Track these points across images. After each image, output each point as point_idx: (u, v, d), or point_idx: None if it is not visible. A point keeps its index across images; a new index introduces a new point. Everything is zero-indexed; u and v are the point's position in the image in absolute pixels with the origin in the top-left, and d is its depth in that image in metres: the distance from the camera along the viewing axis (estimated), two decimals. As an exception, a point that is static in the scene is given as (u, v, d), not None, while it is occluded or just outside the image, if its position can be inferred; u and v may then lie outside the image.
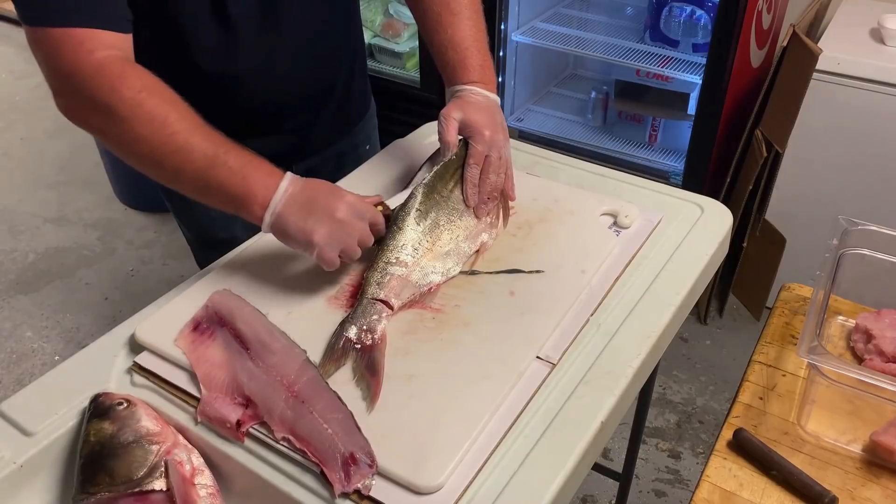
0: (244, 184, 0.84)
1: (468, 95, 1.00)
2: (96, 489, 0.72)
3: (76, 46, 0.82)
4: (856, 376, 0.86)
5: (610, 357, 0.84)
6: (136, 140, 0.83)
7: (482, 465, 0.72)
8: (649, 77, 2.23)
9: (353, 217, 0.86)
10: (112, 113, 0.82)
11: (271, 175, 0.86)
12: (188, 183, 0.86)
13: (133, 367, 0.85)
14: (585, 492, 1.83)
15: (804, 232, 2.04)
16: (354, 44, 1.24)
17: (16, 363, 2.23)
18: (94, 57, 0.83)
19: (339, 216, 0.85)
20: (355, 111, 1.31)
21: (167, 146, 0.83)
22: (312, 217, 0.84)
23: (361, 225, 0.87)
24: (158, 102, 0.83)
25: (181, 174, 0.85)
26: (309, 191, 0.86)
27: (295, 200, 0.85)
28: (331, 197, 0.86)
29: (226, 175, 0.84)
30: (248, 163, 0.85)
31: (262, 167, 0.86)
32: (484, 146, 0.98)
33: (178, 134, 0.83)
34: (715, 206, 1.07)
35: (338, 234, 0.85)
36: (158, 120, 0.83)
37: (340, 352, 0.83)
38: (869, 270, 1.03)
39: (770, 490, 0.86)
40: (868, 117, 1.85)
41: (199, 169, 0.83)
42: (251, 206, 0.84)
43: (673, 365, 2.15)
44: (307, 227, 0.84)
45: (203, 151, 0.83)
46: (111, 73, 0.83)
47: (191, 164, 0.83)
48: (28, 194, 2.96)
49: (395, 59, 2.41)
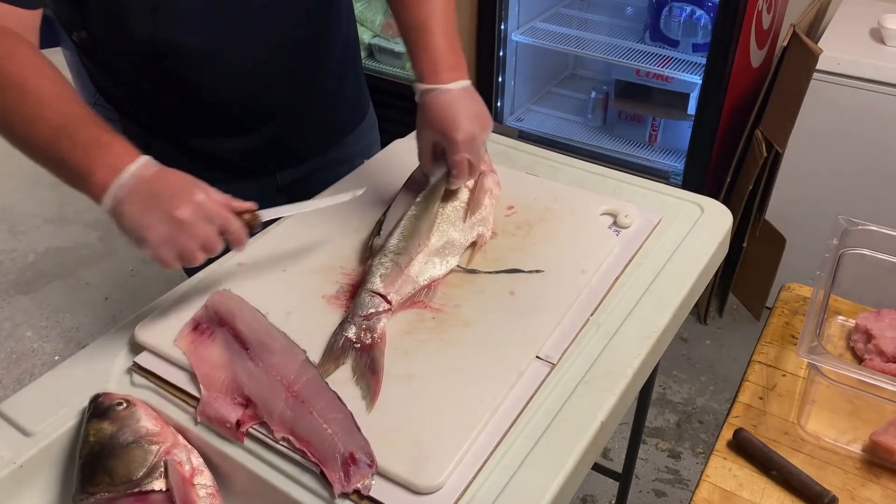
0: (86, 160, 0.77)
1: (432, 98, 0.94)
2: (96, 489, 0.72)
3: None
4: (856, 376, 0.86)
5: (610, 357, 0.84)
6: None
7: (482, 465, 0.72)
8: (649, 77, 2.23)
9: (199, 219, 0.78)
10: None
11: (121, 156, 0.78)
12: (37, 155, 0.80)
13: (133, 367, 0.85)
14: (585, 492, 1.83)
15: (804, 232, 2.04)
16: (343, 44, 1.19)
17: (16, 363, 2.23)
18: None
19: (180, 215, 0.77)
20: (347, 119, 1.26)
21: (17, 115, 0.78)
22: (152, 212, 0.76)
23: (207, 229, 0.79)
24: (17, 70, 0.79)
25: (30, 145, 0.79)
26: (159, 182, 0.78)
27: (139, 190, 0.77)
28: (179, 193, 0.78)
29: (69, 149, 0.77)
30: (97, 139, 0.78)
31: (114, 146, 0.78)
32: (461, 154, 0.93)
33: (29, 103, 0.78)
34: (715, 206, 1.07)
35: (175, 235, 0.77)
36: (13, 87, 0.78)
37: (340, 351, 0.83)
38: (869, 270, 1.03)
39: (770, 490, 0.86)
40: (868, 117, 1.85)
41: (46, 141, 0.78)
42: (91, 186, 0.77)
43: (673, 365, 2.15)
44: (142, 223, 0.76)
45: (51, 122, 0.78)
46: None
47: (38, 135, 0.78)
48: (28, 194, 2.96)
49: (395, 59, 2.41)
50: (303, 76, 1.14)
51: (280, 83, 1.11)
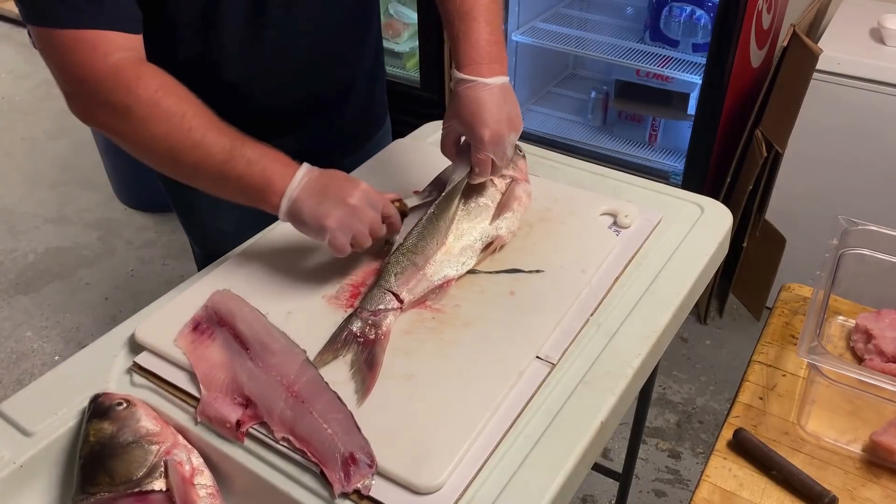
0: (262, 174, 0.86)
1: (467, 90, 0.92)
2: (96, 489, 0.72)
3: (90, 50, 0.82)
4: (856, 376, 0.86)
5: (610, 357, 0.84)
6: (154, 138, 0.84)
7: (482, 465, 0.72)
8: (649, 77, 2.23)
9: (366, 204, 0.87)
10: (129, 114, 0.83)
11: (288, 165, 0.87)
12: (207, 178, 0.87)
13: (133, 368, 0.85)
14: (585, 492, 1.83)
15: (804, 232, 2.04)
16: (375, 47, 1.21)
17: (16, 363, 2.23)
18: (109, 60, 0.83)
19: (351, 202, 0.86)
20: (375, 120, 1.28)
21: (185, 143, 0.84)
22: (326, 202, 0.86)
23: (373, 213, 0.87)
24: (175, 101, 0.84)
25: (200, 169, 0.86)
26: (325, 178, 0.88)
27: (310, 187, 0.86)
28: (345, 184, 0.88)
29: (244, 167, 0.85)
30: (265, 154, 0.87)
31: (279, 158, 0.87)
32: (485, 153, 0.93)
33: (195, 130, 0.84)
34: (715, 206, 1.07)
35: (349, 219, 0.86)
36: (176, 118, 0.84)
37: (342, 342, 0.84)
38: (869, 270, 1.03)
39: (770, 490, 0.86)
40: (868, 117, 1.85)
41: (218, 163, 0.85)
42: (270, 195, 0.86)
43: (673, 365, 2.15)
44: (320, 212, 0.85)
45: (221, 146, 0.85)
46: (127, 76, 0.83)
47: (209, 159, 0.85)
48: (28, 194, 2.96)
49: (395, 59, 2.41)
50: (341, 78, 1.16)
51: (320, 86, 1.13)
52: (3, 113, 3.51)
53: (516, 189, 1.01)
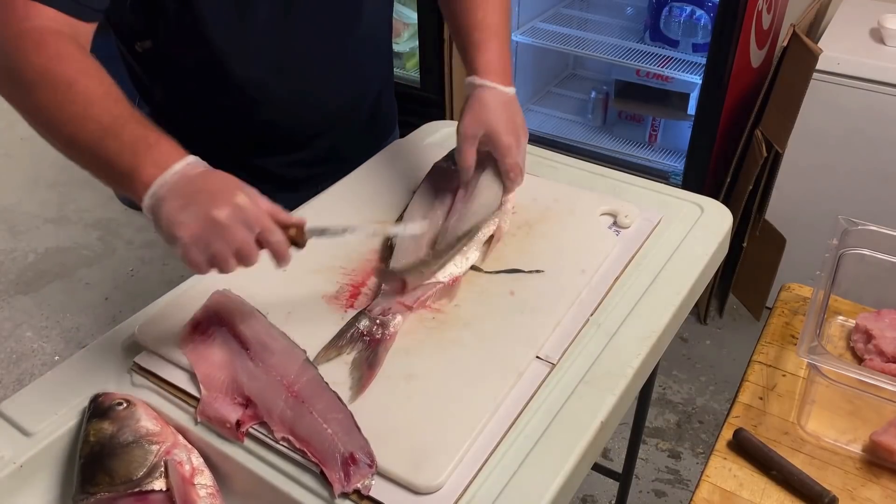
0: (133, 159, 0.74)
1: (484, 95, 0.95)
2: (96, 489, 0.72)
3: (10, 10, 0.79)
4: (856, 376, 0.86)
5: (610, 357, 0.84)
6: (36, 107, 0.78)
7: (482, 465, 0.72)
8: (649, 77, 2.23)
9: (236, 222, 0.72)
10: (18, 78, 0.78)
11: (168, 154, 0.75)
12: (82, 156, 0.77)
13: (133, 367, 0.85)
14: (585, 492, 1.83)
15: (804, 232, 2.04)
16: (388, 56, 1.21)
17: (16, 363, 2.23)
18: (21, 25, 0.78)
19: (217, 215, 0.72)
20: (385, 128, 1.28)
21: (62, 114, 0.76)
22: (189, 210, 0.72)
23: (244, 234, 0.73)
24: (67, 70, 0.77)
25: (73, 145, 0.77)
26: (201, 181, 0.74)
27: (181, 187, 0.73)
28: (220, 193, 0.73)
29: (115, 148, 0.74)
30: (145, 138, 0.75)
31: (161, 145, 0.75)
32: (515, 159, 0.97)
33: (78, 103, 0.76)
34: (715, 206, 1.07)
35: (208, 235, 0.72)
36: (62, 87, 0.76)
37: (347, 340, 0.84)
38: (869, 270, 1.03)
39: (770, 490, 0.86)
40: (868, 117, 1.85)
41: (91, 140, 0.75)
42: (135, 184, 0.73)
43: (673, 365, 2.15)
44: (177, 219, 0.72)
45: (99, 122, 0.75)
46: (29, 40, 0.78)
47: (83, 134, 0.75)
48: (28, 194, 2.96)
49: (396, 59, 2.41)
50: (358, 89, 1.15)
51: (337, 97, 1.13)
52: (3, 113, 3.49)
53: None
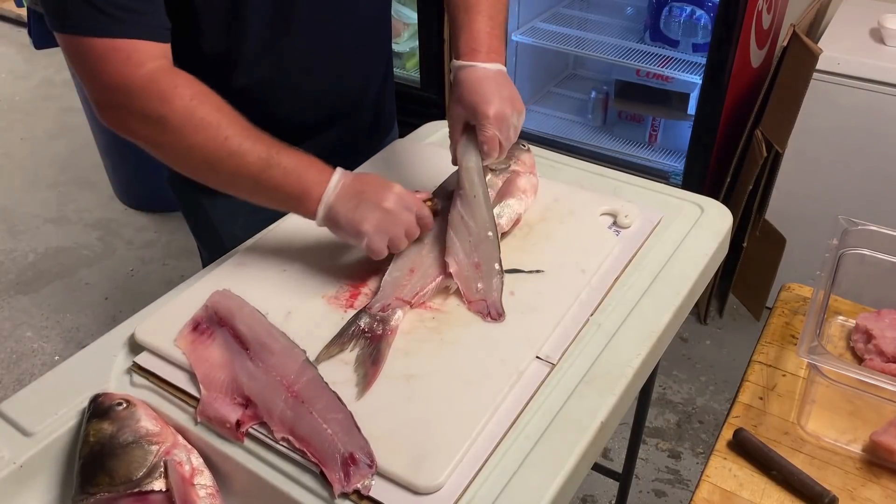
0: (299, 182, 0.87)
1: (466, 74, 0.94)
2: (96, 489, 0.72)
3: (124, 60, 0.82)
4: (856, 376, 0.86)
5: (610, 357, 0.84)
6: (191, 148, 0.85)
7: (482, 465, 0.72)
8: (649, 77, 2.23)
9: (401, 208, 0.88)
10: (165, 124, 0.83)
11: (323, 172, 0.88)
12: (244, 186, 0.88)
13: (133, 368, 0.85)
14: (585, 492, 1.83)
15: (804, 232, 2.04)
16: (388, 50, 1.21)
17: (16, 363, 2.23)
18: (143, 70, 0.83)
19: (386, 206, 0.87)
20: (385, 125, 1.28)
21: (221, 152, 0.85)
22: (361, 207, 0.87)
23: (408, 216, 0.88)
24: (209, 110, 0.85)
25: (237, 178, 0.87)
26: (359, 183, 0.88)
27: (345, 193, 0.87)
28: (380, 188, 0.88)
29: (280, 176, 0.86)
30: (300, 161, 0.87)
31: (315, 165, 0.88)
32: (492, 130, 0.92)
33: (232, 139, 0.84)
34: (715, 206, 1.07)
35: (385, 223, 0.87)
36: (212, 127, 0.84)
37: (348, 337, 0.85)
38: (869, 270, 1.03)
39: (770, 490, 0.86)
40: (868, 117, 1.85)
41: (255, 172, 0.86)
42: (307, 202, 0.87)
43: (673, 365, 2.15)
44: (356, 217, 0.86)
45: (257, 154, 0.85)
46: (161, 85, 0.83)
47: (246, 168, 0.85)
48: (28, 194, 2.96)
49: (396, 59, 2.41)
50: (358, 84, 1.15)
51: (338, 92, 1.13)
52: (3, 113, 3.51)
53: (518, 180, 1.01)
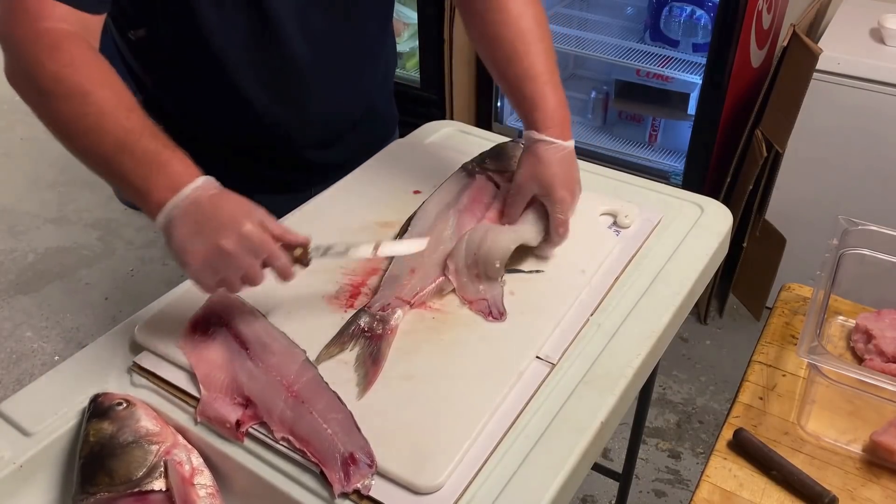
0: (146, 180, 0.75)
1: (544, 150, 0.94)
2: (96, 489, 0.72)
3: (23, 10, 0.79)
4: (856, 376, 0.86)
5: (610, 357, 0.84)
6: (52, 116, 0.79)
7: (482, 465, 0.72)
8: (649, 77, 2.23)
9: (242, 251, 0.75)
10: (33, 85, 0.79)
11: (180, 175, 0.76)
12: (97, 167, 0.79)
13: (133, 368, 0.85)
14: (585, 492, 1.83)
15: (804, 232, 2.04)
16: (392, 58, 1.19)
17: (16, 363, 2.23)
18: (36, 25, 0.78)
19: (225, 245, 0.74)
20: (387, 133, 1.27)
21: (77, 126, 0.77)
22: (198, 237, 0.74)
23: (250, 261, 0.76)
24: (82, 80, 0.77)
25: (90, 157, 0.79)
26: (211, 207, 0.75)
27: (191, 212, 0.75)
28: (228, 223, 0.75)
29: (129, 164, 0.76)
30: (157, 155, 0.76)
31: (173, 164, 0.76)
32: (567, 215, 0.95)
33: (91, 115, 0.77)
34: (715, 206, 1.07)
35: (216, 263, 0.75)
36: (76, 98, 0.77)
37: (348, 337, 0.84)
38: (869, 270, 1.03)
39: (770, 490, 0.86)
40: (868, 117, 1.85)
41: (107, 154, 0.77)
42: (148, 203, 0.76)
43: (673, 365, 2.15)
44: (187, 247, 0.75)
45: (114, 135, 0.76)
46: (44, 45, 0.78)
47: (100, 148, 0.77)
48: (28, 194, 2.96)
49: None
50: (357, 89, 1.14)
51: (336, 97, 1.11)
52: (3, 113, 3.50)
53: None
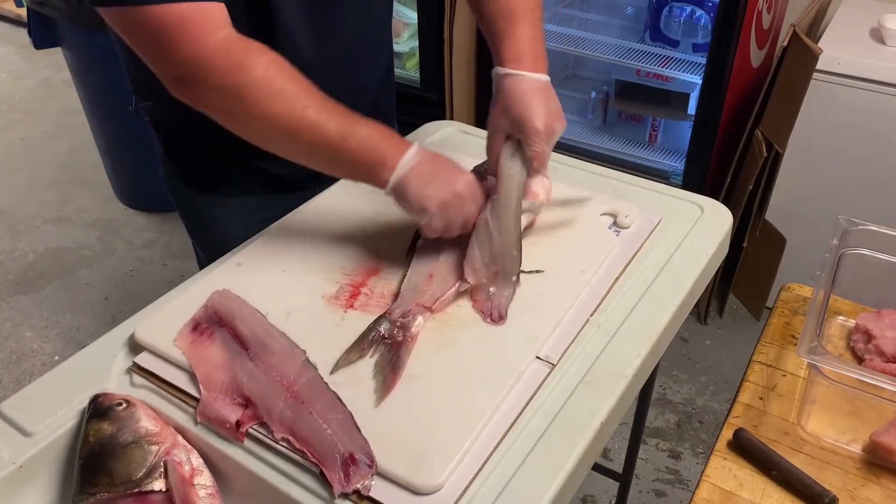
0: (376, 151, 0.86)
1: (513, 83, 0.93)
2: (95, 490, 0.72)
3: (198, 27, 0.78)
4: (856, 376, 0.86)
5: (610, 357, 0.84)
6: (270, 118, 0.82)
7: (482, 466, 0.72)
8: (649, 77, 2.23)
9: (470, 196, 0.88)
10: (243, 94, 0.81)
11: (400, 143, 0.88)
12: (322, 156, 0.87)
13: (133, 368, 0.85)
14: (585, 492, 1.83)
15: (804, 232, 2.04)
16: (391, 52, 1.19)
17: (16, 363, 2.23)
18: (216, 37, 0.79)
19: (457, 189, 0.87)
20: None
21: (301, 122, 0.83)
22: (433, 185, 0.86)
23: (472, 207, 0.89)
24: (286, 79, 0.83)
25: (316, 148, 0.86)
26: (434, 162, 0.88)
27: (419, 168, 0.86)
28: (454, 173, 0.88)
29: (357, 145, 0.85)
30: (377, 131, 0.87)
31: (391, 136, 0.88)
32: (542, 145, 0.91)
33: (310, 108, 0.83)
34: (715, 206, 1.07)
35: (451, 206, 0.87)
36: (290, 96, 0.82)
37: (368, 343, 0.84)
38: (869, 270, 1.03)
39: (770, 490, 0.86)
40: (868, 117, 1.85)
41: (333, 142, 0.84)
42: (380, 171, 0.86)
43: (673, 365, 2.15)
44: (426, 193, 0.86)
45: (336, 124, 0.84)
46: (237, 53, 0.80)
47: (325, 138, 0.84)
48: (28, 194, 2.96)
49: (396, 59, 2.40)
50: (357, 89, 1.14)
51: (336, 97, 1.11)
52: (3, 113, 3.51)
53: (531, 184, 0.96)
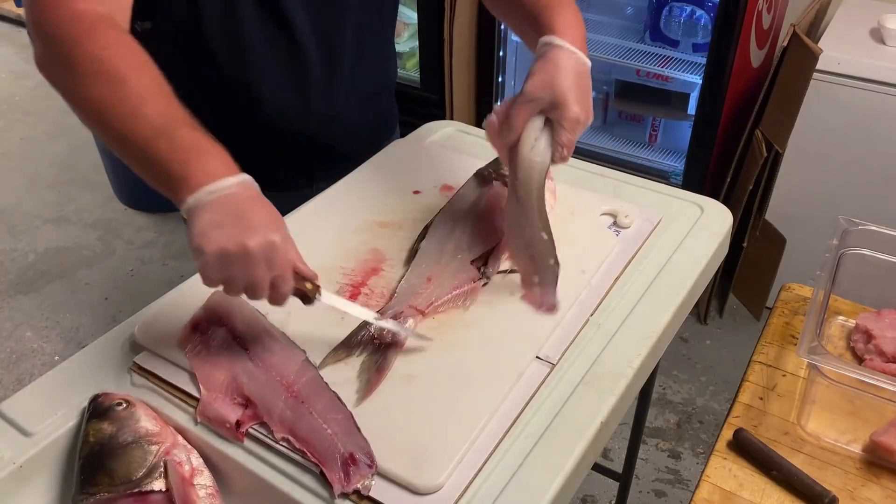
0: (184, 162, 0.71)
1: (563, 57, 0.83)
2: (95, 490, 0.72)
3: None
4: (856, 376, 0.86)
5: (610, 357, 0.84)
6: (89, 100, 0.76)
7: (482, 466, 0.72)
8: (649, 77, 2.23)
9: (261, 258, 0.70)
10: (71, 67, 0.76)
11: (221, 166, 0.73)
12: (131, 154, 0.75)
13: (132, 368, 0.85)
14: (585, 492, 1.83)
15: (804, 232, 2.04)
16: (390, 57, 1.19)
17: (16, 363, 2.23)
18: (73, 7, 0.77)
19: (248, 244, 0.69)
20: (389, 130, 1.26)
21: (115, 111, 0.74)
22: (222, 230, 0.69)
23: (263, 273, 0.71)
24: (120, 63, 0.75)
25: (125, 144, 0.75)
26: (249, 206, 0.72)
27: (227, 204, 0.71)
28: (261, 226, 0.71)
29: (166, 150, 0.72)
30: (199, 143, 0.73)
31: (215, 155, 0.73)
32: (574, 135, 0.84)
33: (131, 99, 0.74)
34: (715, 206, 1.07)
35: (231, 259, 0.69)
36: (115, 82, 0.74)
37: (357, 342, 0.84)
38: (869, 270, 1.03)
39: (770, 490, 0.86)
40: (868, 117, 1.85)
41: (143, 139, 0.72)
42: (181, 188, 0.71)
43: (673, 365, 2.15)
44: (208, 235, 0.69)
45: (151, 122, 0.73)
46: (81, 27, 0.76)
47: (135, 134, 0.73)
48: (28, 194, 2.96)
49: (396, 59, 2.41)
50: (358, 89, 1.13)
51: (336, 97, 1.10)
52: (3, 113, 3.51)
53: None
